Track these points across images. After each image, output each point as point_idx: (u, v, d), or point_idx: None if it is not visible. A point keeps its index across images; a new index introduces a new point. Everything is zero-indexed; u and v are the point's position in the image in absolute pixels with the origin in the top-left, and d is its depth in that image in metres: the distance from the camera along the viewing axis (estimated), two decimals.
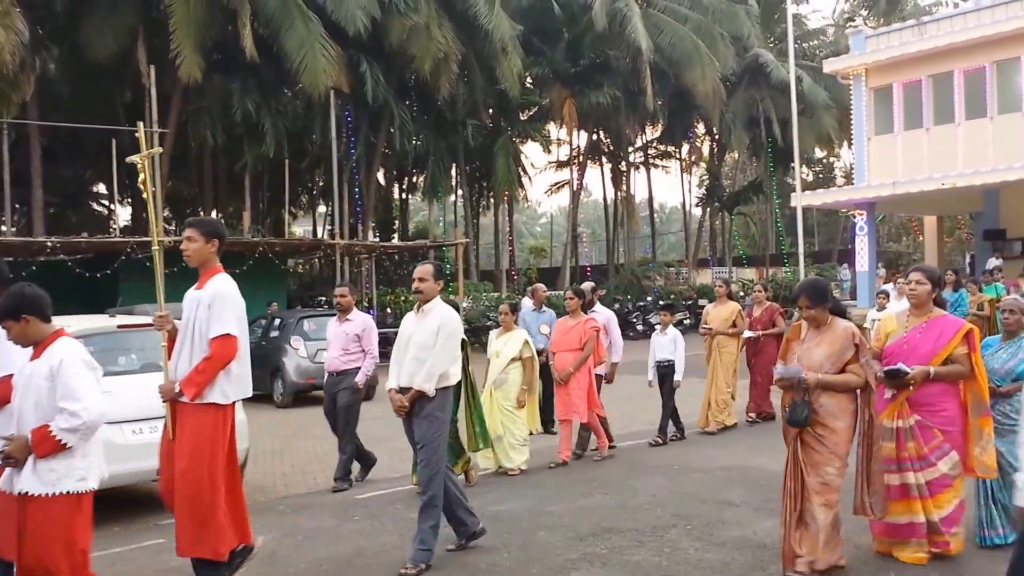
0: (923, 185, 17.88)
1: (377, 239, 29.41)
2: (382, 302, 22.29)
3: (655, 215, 42.00)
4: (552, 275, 32.18)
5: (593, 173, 36.96)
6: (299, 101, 23.92)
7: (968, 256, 24.48)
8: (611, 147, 35.32)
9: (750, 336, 9.68)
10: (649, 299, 25.99)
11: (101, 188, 32.15)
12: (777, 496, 4.92)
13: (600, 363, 8.22)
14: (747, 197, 35.57)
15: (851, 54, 20.44)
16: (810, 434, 4.47)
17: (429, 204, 30.84)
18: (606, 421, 8.40)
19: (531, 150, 69.90)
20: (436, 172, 27.41)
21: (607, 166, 36.23)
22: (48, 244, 16.45)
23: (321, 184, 31.59)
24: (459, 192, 31.70)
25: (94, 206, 34.14)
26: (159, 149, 4.93)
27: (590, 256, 46.23)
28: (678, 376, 8.60)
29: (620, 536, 5.57)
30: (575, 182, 33.55)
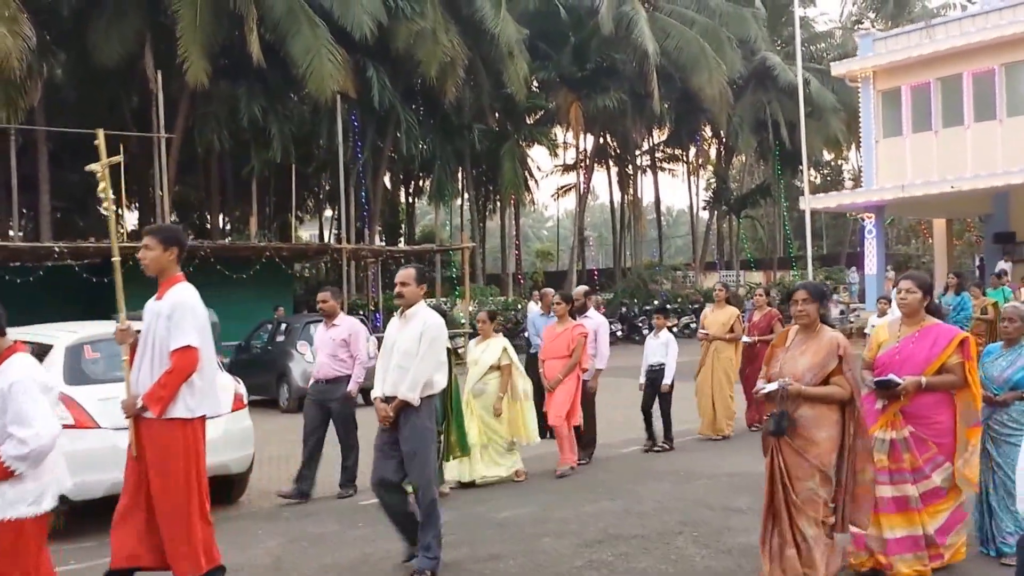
0: (932, 188, 17.81)
1: (383, 243, 29.43)
2: (388, 306, 22.28)
3: (662, 218, 41.94)
4: (559, 279, 32.12)
5: (600, 176, 37.14)
6: (306, 106, 23.97)
7: (978, 259, 24.35)
8: (618, 150, 35.28)
9: (747, 341, 9.51)
10: (656, 303, 25.91)
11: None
12: None
13: (584, 370, 7.93)
14: (755, 200, 35.47)
15: (859, 57, 20.39)
16: (790, 446, 4.26)
17: (435, 208, 30.87)
18: (583, 429, 8.15)
19: (537, 154, 69.96)
20: (442, 176, 27.42)
21: (614, 169, 36.20)
22: (55, 249, 16.48)
23: (328, 188, 31.64)
24: (465, 196, 31.70)
25: (101, 211, 34.27)
26: (119, 158, 4.81)
27: (597, 260, 46.13)
28: (667, 380, 8.45)
29: (626, 543, 5.52)
30: (582, 185, 33.54)
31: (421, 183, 33.36)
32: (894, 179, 18.98)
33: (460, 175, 30.06)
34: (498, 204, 33.92)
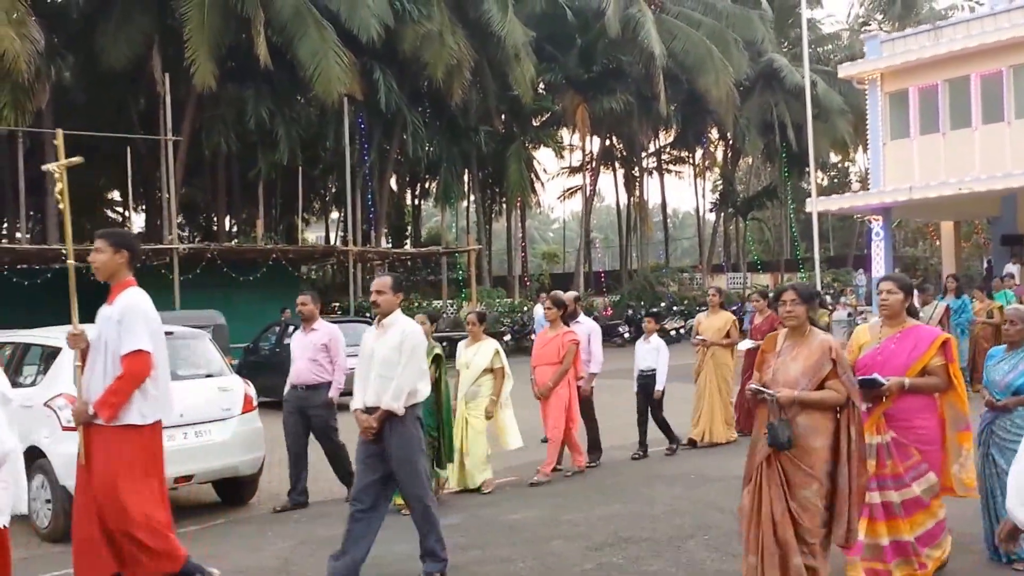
0: (940, 190, 17.72)
1: (389, 245, 29.48)
2: None
3: (668, 220, 41.90)
4: (565, 281, 32.10)
5: (606, 178, 36.98)
6: (313, 108, 24.03)
7: (986, 261, 24.24)
8: (624, 152, 35.27)
9: (750, 346, 9.09)
10: (663, 305, 25.87)
11: (115, 195, 32.40)
12: None
13: (580, 378, 7.82)
14: (761, 202, 35.40)
15: (866, 59, 20.31)
16: (785, 456, 4.08)
17: (442, 210, 30.88)
18: (596, 438, 8.14)
19: (544, 156, 70.02)
20: (449, 178, 27.45)
21: (620, 171, 36.20)
22: (63, 252, 16.53)
23: (334, 190, 31.70)
24: (471, 198, 31.71)
25: (108, 213, 34.39)
26: (79, 159, 4.75)
27: (603, 262, 46.16)
28: (659, 386, 8.27)
29: (637, 546, 5.49)
30: (588, 188, 33.50)
31: (427, 185, 33.39)
32: (901, 181, 18.90)
33: (466, 177, 30.09)
34: (504, 206, 33.93)
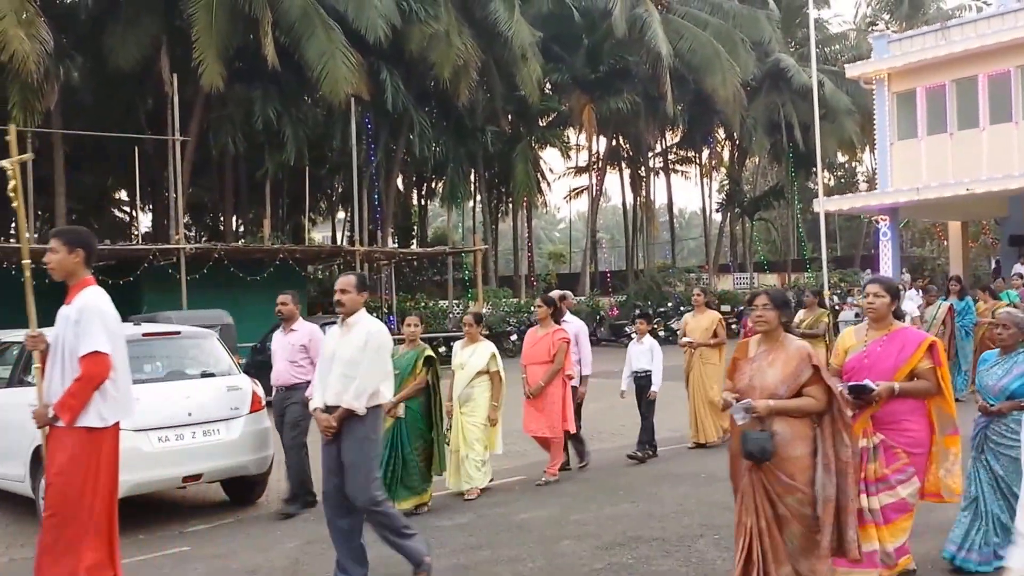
0: (947, 190, 17.69)
1: (396, 245, 29.50)
2: (401, 308, 22.32)
3: (675, 220, 41.83)
4: (571, 281, 32.09)
5: (612, 178, 37.16)
6: (320, 109, 24.06)
7: (993, 262, 24.16)
8: (630, 152, 35.23)
9: None
10: (670, 305, 25.84)
11: (123, 195, 32.52)
12: None
13: (570, 376, 7.63)
14: (768, 202, 35.30)
15: (873, 58, 20.27)
16: (766, 467, 3.98)
17: (448, 210, 30.90)
18: (579, 436, 8.02)
19: (550, 156, 69.75)
20: (455, 178, 27.45)
21: (626, 171, 36.15)
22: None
23: (341, 191, 31.74)
24: (478, 198, 31.72)
25: (116, 213, 34.52)
26: (31, 155, 4.70)
27: (609, 261, 46.13)
28: (655, 387, 8.15)
29: (647, 545, 5.49)
30: (594, 187, 33.49)
31: (434, 185, 33.41)
32: (909, 181, 18.85)
33: (473, 177, 30.09)
34: (510, 206, 33.93)
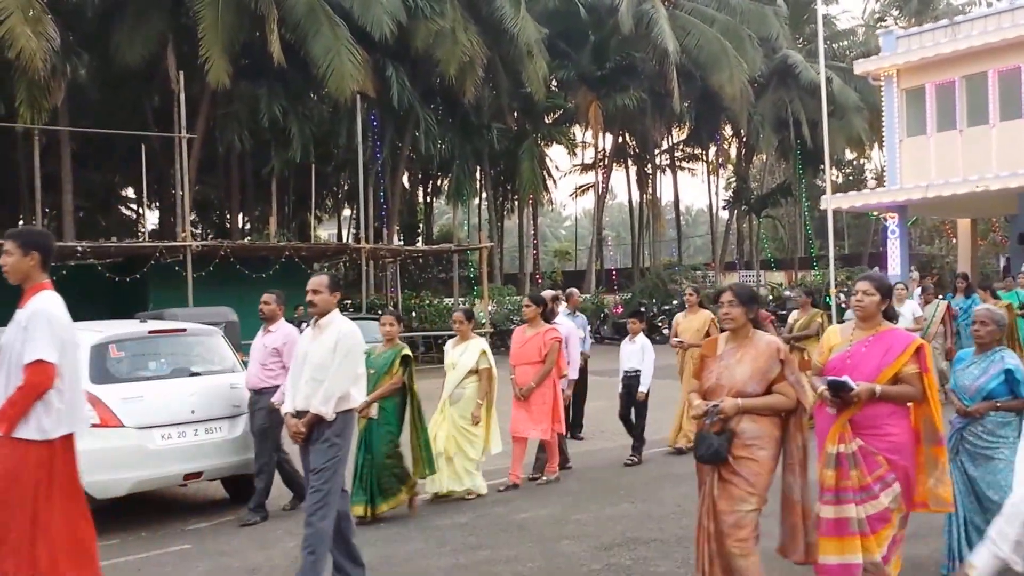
0: (956, 188, 17.54)
1: (401, 243, 29.52)
2: (407, 306, 22.34)
3: (681, 218, 41.73)
4: (577, 278, 32.07)
5: (618, 176, 36.86)
6: (325, 106, 24.08)
7: (1003, 259, 24.01)
8: (637, 149, 35.15)
9: None
10: (675, 303, 25.77)
11: (130, 192, 32.62)
12: None
13: (562, 377, 7.49)
14: (775, 200, 35.18)
15: (882, 55, 20.13)
16: (727, 464, 3.87)
17: (454, 208, 30.88)
18: (563, 439, 7.91)
19: (556, 153, 69.78)
20: (461, 176, 27.44)
21: (633, 169, 36.09)
22: (78, 248, 16.67)
23: (346, 188, 31.77)
24: (483, 195, 31.71)
25: (123, 210, 34.65)
26: None
27: (615, 259, 46.00)
28: (643, 387, 7.98)
29: (646, 547, 5.48)
30: (600, 185, 33.42)
31: (439, 183, 33.40)
32: (918, 178, 18.73)
33: (478, 175, 30.09)
34: (516, 204, 33.90)
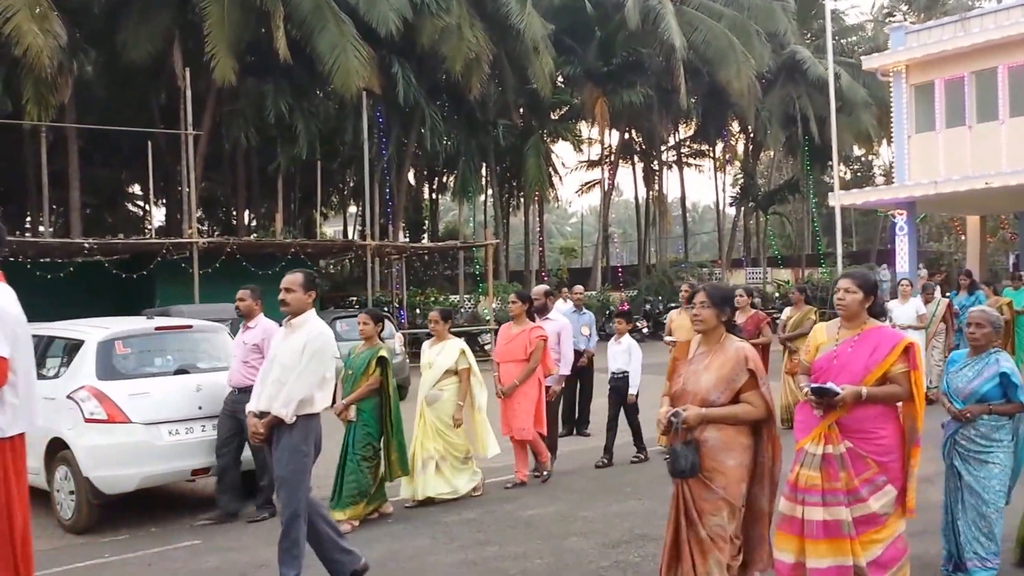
0: (965, 184, 17.44)
1: (407, 240, 29.49)
2: (412, 303, 22.33)
3: (687, 215, 41.62)
4: (583, 275, 32.00)
5: (625, 172, 36.93)
6: (331, 102, 24.05)
7: (1012, 256, 23.86)
8: (643, 146, 35.05)
9: None
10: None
11: (136, 189, 32.69)
12: None
13: (548, 375, 7.42)
14: (783, 196, 35.05)
15: (891, 50, 20.02)
16: (696, 476, 3.73)
17: (459, 204, 30.86)
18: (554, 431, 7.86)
19: (562, 149, 69.61)
20: (466, 172, 27.40)
21: (639, 165, 35.98)
22: (85, 245, 16.70)
23: (352, 185, 31.75)
24: (489, 192, 31.66)
25: (129, 207, 34.72)
26: None
27: (621, 256, 45.93)
28: (633, 389, 7.86)
29: (653, 543, 5.43)
30: (606, 181, 33.34)
31: (445, 179, 33.37)
32: (926, 175, 18.63)
33: (484, 171, 30.04)
34: (522, 200, 33.84)
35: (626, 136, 33.45)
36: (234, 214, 29.31)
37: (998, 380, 4.42)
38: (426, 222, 34.87)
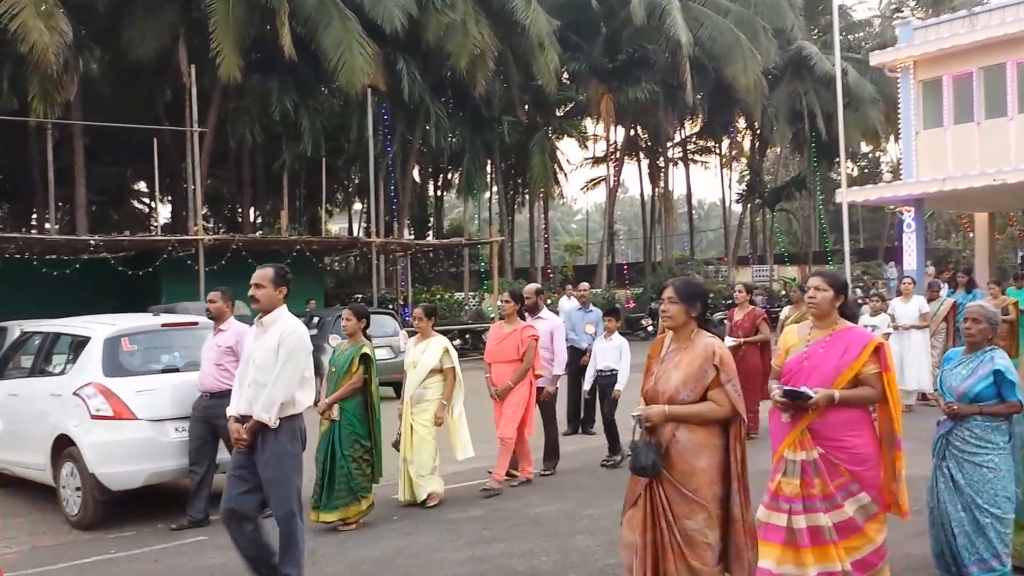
0: (974, 181, 17.34)
1: (412, 237, 29.52)
2: (417, 300, 22.33)
3: (693, 212, 41.52)
4: (588, 273, 31.94)
5: (630, 169, 36.68)
6: (336, 99, 24.07)
7: (1021, 253, 23.74)
8: (649, 142, 34.98)
9: (731, 344, 8.42)
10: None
11: (142, 186, 32.75)
12: None
13: (538, 376, 7.26)
14: (789, 193, 34.97)
15: (898, 46, 19.91)
16: (666, 478, 3.58)
17: (464, 201, 30.85)
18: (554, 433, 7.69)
19: (567, 146, 69.53)
20: (471, 169, 27.39)
21: (644, 162, 35.91)
22: (91, 242, 16.74)
23: (357, 182, 31.78)
24: (494, 189, 31.65)
25: (135, 204, 34.79)
26: None
27: (626, 253, 45.82)
28: (619, 386, 7.69)
29: None
30: (612, 178, 33.29)
31: (450, 176, 33.36)
32: (934, 171, 18.52)
33: (489, 168, 30.03)
34: (527, 197, 33.81)
35: (632, 133, 33.40)
36: (239, 211, 29.34)
37: (992, 379, 4.29)
38: (431, 219, 34.86)
